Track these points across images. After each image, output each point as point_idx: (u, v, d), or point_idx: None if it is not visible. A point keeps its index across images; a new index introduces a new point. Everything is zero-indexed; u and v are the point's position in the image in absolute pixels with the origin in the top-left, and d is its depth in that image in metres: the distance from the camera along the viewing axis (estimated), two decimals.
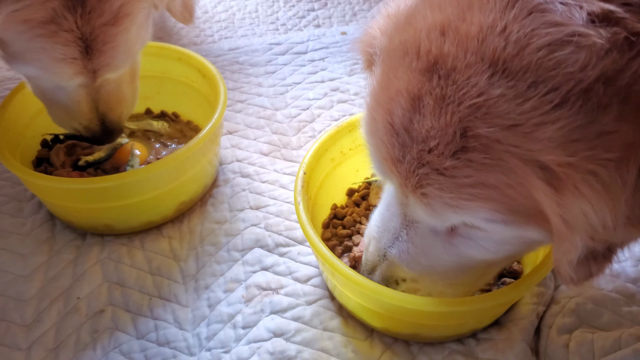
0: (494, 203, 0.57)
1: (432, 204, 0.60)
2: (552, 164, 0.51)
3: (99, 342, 0.89)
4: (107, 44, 0.87)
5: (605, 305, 0.90)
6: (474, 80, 0.52)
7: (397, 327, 0.86)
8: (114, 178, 0.95)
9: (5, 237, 1.04)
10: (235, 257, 1.00)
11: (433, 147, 0.56)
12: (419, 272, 0.73)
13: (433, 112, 0.55)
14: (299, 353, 0.87)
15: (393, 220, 0.71)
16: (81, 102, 0.96)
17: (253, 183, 1.13)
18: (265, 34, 1.61)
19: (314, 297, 0.94)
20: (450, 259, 0.69)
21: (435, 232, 0.68)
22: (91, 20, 0.83)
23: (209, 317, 0.92)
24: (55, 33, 0.82)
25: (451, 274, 0.72)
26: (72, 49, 0.84)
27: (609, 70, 0.48)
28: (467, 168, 0.55)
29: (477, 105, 0.52)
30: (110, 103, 0.99)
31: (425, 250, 0.70)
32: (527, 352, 0.85)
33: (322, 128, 1.26)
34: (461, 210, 0.58)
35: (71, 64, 0.86)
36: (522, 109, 0.50)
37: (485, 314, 0.84)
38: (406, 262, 0.72)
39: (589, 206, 0.52)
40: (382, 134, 0.61)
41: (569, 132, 0.50)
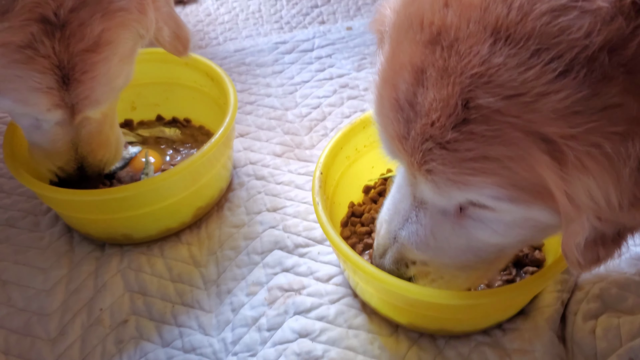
0: (498, 177, 0.56)
1: (437, 181, 0.59)
2: (554, 136, 0.50)
3: (124, 353, 0.89)
4: (86, 73, 0.82)
5: (629, 288, 0.89)
6: (476, 49, 0.51)
7: (422, 322, 0.86)
8: (130, 188, 0.95)
9: (24, 252, 1.04)
10: (255, 260, 1.00)
11: (435, 119, 0.55)
12: (428, 255, 0.71)
13: (435, 84, 0.54)
14: (326, 352, 0.87)
15: (403, 202, 0.70)
16: (58, 142, 0.92)
17: (268, 185, 1.13)
18: (270, 33, 1.61)
19: (336, 295, 0.94)
20: (460, 242, 0.68)
21: (444, 214, 0.67)
22: (70, 46, 0.79)
23: (233, 322, 0.92)
24: (31, 59, 0.77)
25: (461, 257, 0.71)
26: (49, 78, 0.80)
27: (614, 37, 0.47)
28: (468, 141, 0.54)
29: (479, 74, 0.51)
30: (91, 145, 0.95)
31: (434, 232, 0.69)
32: (554, 340, 0.84)
33: (333, 126, 1.26)
34: (465, 186, 0.58)
35: (47, 94, 0.82)
36: (524, 78, 0.49)
37: (511, 304, 0.83)
38: (415, 244, 0.70)
39: (592, 181, 0.51)
40: (388, 111, 0.60)
41: (572, 103, 0.48)
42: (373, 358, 0.86)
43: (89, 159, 0.96)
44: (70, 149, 0.94)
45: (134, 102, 1.25)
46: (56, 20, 0.76)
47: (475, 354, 0.85)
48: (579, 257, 0.59)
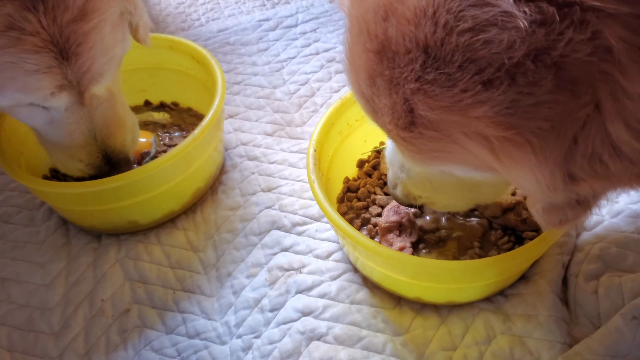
0: (455, 161, 0.61)
1: (408, 157, 0.65)
2: (491, 137, 0.53)
3: (129, 342, 0.89)
4: (82, 44, 0.77)
5: (629, 247, 0.89)
6: (412, 67, 0.54)
7: (423, 293, 0.86)
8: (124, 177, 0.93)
9: (21, 247, 1.03)
10: (253, 241, 1.00)
11: (390, 120, 0.60)
12: (427, 192, 0.79)
13: (384, 91, 0.58)
14: (330, 329, 0.87)
15: (396, 154, 0.77)
16: (74, 132, 0.88)
17: (261, 165, 1.12)
18: (252, 11, 1.59)
19: (337, 272, 0.94)
20: (452, 182, 0.74)
21: None
22: (57, 18, 0.73)
23: (236, 304, 0.92)
24: (18, 40, 0.72)
25: (459, 192, 0.78)
26: (45, 57, 0.75)
27: (538, 46, 0.48)
28: (420, 139, 0.58)
29: (415, 89, 0.54)
30: (109, 128, 0.91)
31: (427, 176, 0.76)
32: (557, 302, 0.85)
33: (323, 101, 1.25)
34: (432, 165, 0.65)
35: (48, 75, 0.76)
36: (453, 92, 0.52)
37: (513, 270, 0.83)
38: (414, 186, 0.79)
39: (527, 172, 0.55)
40: (360, 98, 0.65)
41: (501, 109, 0.51)
42: (377, 332, 0.86)
43: (110, 143, 0.92)
44: (89, 137, 0.90)
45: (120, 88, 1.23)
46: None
47: (478, 321, 0.85)
48: (541, 220, 0.64)
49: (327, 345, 0.85)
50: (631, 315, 0.78)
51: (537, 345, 0.81)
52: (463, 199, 0.82)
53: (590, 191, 0.58)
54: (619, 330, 0.78)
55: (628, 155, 0.52)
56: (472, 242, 0.90)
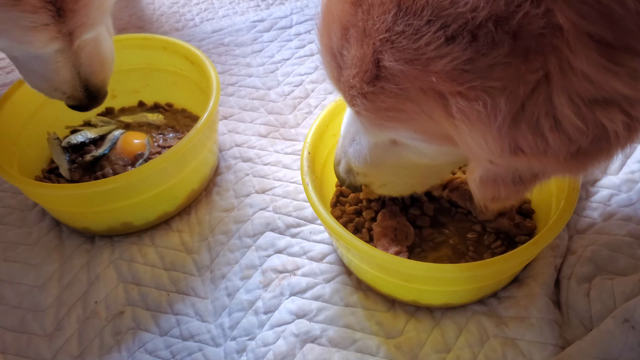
0: (410, 124, 0.64)
1: (363, 121, 0.68)
2: (446, 93, 0.56)
3: (123, 344, 0.89)
4: (79, 1, 0.79)
5: (621, 249, 0.90)
6: (384, 17, 0.57)
7: (416, 296, 0.86)
8: (118, 179, 0.93)
9: (13, 249, 1.03)
10: (247, 243, 1.00)
11: (356, 73, 0.61)
12: (367, 169, 0.82)
13: (356, 42, 0.61)
14: (324, 332, 0.87)
15: (353, 125, 0.80)
16: (61, 70, 0.90)
17: (256, 167, 1.12)
18: (247, 11, 1.58)
19: (331, 274, 0.94)
20: (392, 161, 0.78)
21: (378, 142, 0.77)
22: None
23: (230, 306, 0.92)
24: (18, 1, 0.74)
25: (397, 173, 0.82)
26: (42, 15, 0.77)
27: (499, 12, 0.51)
28: (382, 95, 0.60)
29: (385, 39, 0.57)
30: (92, 67, 0.93)
31: (371, 153, 0.79)
32: (550, 305, 0.85)
33: (317, 103, 1.25)
34: (385, 129, 0.66)
35: (44, 31, 0.79)
36: (418, 45, 0.55)
37: (506, 273, 0.84)
38: (357, 160, 0.81)
39: (474, 130, 0.57)
40: (326, 54, 0.67)
41: (459, 64, 0.53)
42: (371, 334, 0.86)
43: (93, 80, 0.94)
44: (74, 73, 0.91)
45: (114, 89, 1.22)
46: None
47: (472, 324, 0.85)
48: (476, 191, 0.67)
49: (321, 347, 0.86)
50: (623, 318, 0.79)
51: (529, 348, 0.82)
52: (401, 181, 0.85)
53: (527, 167, 0.61)
54: (611, 333, 0.79)
55: (567, 130, 0.55)
56: (467, 247, 0.90)
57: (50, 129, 1.13)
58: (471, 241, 0.91)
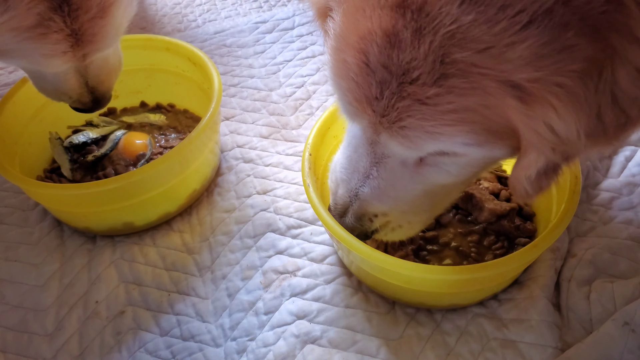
0: (473, 125, 0.59)
1: (411, 136, 0.62)
2: (522, 82, 0.54)
3: (123, 344, 0.89)
4: (97, 34, 0.84)
5: (621, 252, 0.90)
6: (446, 10, 0.54)
7: (417, 298, 0.87)
8: (119, 179, 0.93)
9: (15, 248, 1.03)
10: (248, 244, 1.00)
11: (415, 78, 0.57)
12: (389, 205, 0.75)
13: (412, 44, 0.57)
14: (324, 333, 0.87)
15: (362, 161, 0.72)
16: (70, 80, 0.93)
17: (257, 168, 1.12)
18: (249, 13, 1.59)
19: (331, 275, 0.94)
20: (416, 187, 0.73)
21: (404, 165, 0.70)
22: (79, 17, 0.80)
23: (230, 307, 0.92)
24: (43, 35, 0.79)
25: (417, 202, 0.75)
26: (62, 45, 0.82)
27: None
28: (448, 94, 0.57)
29: (452, 32, 0.54)
30: (100, 77, 0.96)
31: (394, 183, 0.72)
32: (550, 307, 0.85)
33: (319, 104, 1.25)
34: (441, 136, 0.61)
35: (61, 57, 0.84)
36: (493, 32, 0.53)
37: (506, 276, 0.84)
38: (377, 198, 0.74)
39: (554, 114, 0.55)
40: (356, 75, 0.61)
41: (536, 49, 0.52)
42: (371, 336, 0.86)
43: (100, 88, 0.97)
44: (82, 83, 0.94)
45: (116, 89, 1.21)
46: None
47: (472, 326, 0.86)
48: (528, 188, 0.65)
49: (322, 348, 0.86)
50: (623, 321, 0.79)
51: (529, 350, 0.82)
52: (418, 212, 0.78)
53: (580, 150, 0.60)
54: (611, 336, 0.79)
55: (622, 103, 0.55)
56: (470, 248, 0.90)
57: (52, 128, 1.13)
58: (473, 243, 0.91)
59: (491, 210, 0.91)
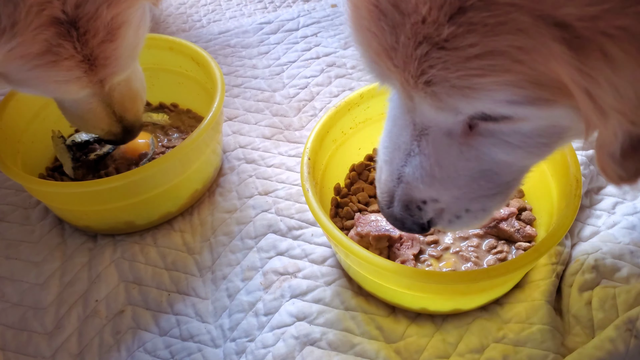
0: (511, 75, 0.46)
1: (438, 92, 0.49)
2: (570, 19, 0.41)
3: (122, 343, 0.89)
4: (109, 58, 0.83)
5: (624, 258, 0.90)
6: None
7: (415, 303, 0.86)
8: (119, 178, 0.93)
9: (15, 246, 1.03)
10: (249, 244, 0.99)
11: (426, 14, 0.46)
12: (436, 188, 0.61)
13: None
14: (324, 335, 0.87)
15: (402, 135, 0.60)
16: (95, 110, 0.93)
17: (259, 168, 1.12)
18: (254, 13, 1.59)
19: (332, 277, 0.94)
20: (470, 166, 0.59)
21: (449, 136, 0.57)
22: (88, 42, 0.79)
23: (230, 307, 0.92)
24: (54, 63, 0.78)
25: (473, 185, 0.61)
26: (75, 72, 0.81)
27: None
28: (469, 34, 0.45)
29: None
30: (125, 104, 0.95)
31: (439, 160, 0.59)
32: (551, 312, 0.85)
33: (322, 106, 1.25)
34: (473, 92, 0.48)
35: (75, 83, 0.83)
36: None
37: (508, 280, 0.83)
38: (421, 178, 0.60)
39: (619, 73, 0.42)
40: (369, 21, 0.51)
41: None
42: (371, 338, 0.86)
43: (127, 116, 0.96)
44: (108, 112, 0.94)
45: None
46: (66, 18, 0.75)
47: (472, 330, 0.85)
48: (618, 170, 0.50)
49: (321, 350, 0.85)
50: (625, 327, 0.78)
51: (530, 355, 0.81)
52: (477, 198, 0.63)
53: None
54: (613, 342, 0.78)
55: None
56: (470, 253, 0.90)
57: (55, 127, 1.13)
58: (473, 247, 0.91)
59: None
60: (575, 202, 0.80)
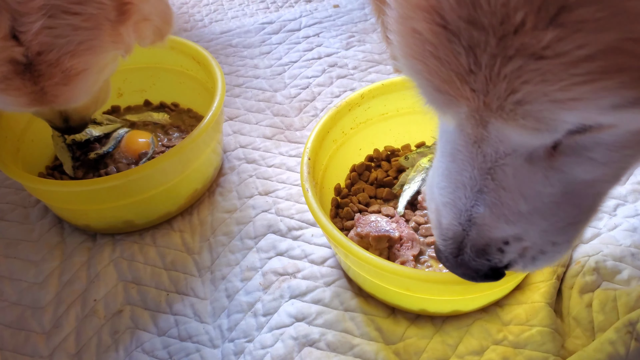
0: (620, 75, 0.40)
1: (533, 112, 0.43)
2: None
3: (120, 343, 0.89)
4: (59, 97, 0.83)
5: (625, 260, 0.89)
6: None
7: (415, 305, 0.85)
8: (119, 177, 0.93)
9: (15, 245, 1.03)
10: (248, 245, 0.99)
11: (520, 22, 0.40)
12: (522, 225, 0.54)
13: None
14: (323, 336, 0.86)
15: (467, 170, 0.53)
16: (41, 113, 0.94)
17: (260, 168, 1.12)
18: (256, 13, 1.59)
19: (331, 278, 0.93)
20: (555, 192, 0.52)
21: (531, 162, 0.50)
22: (40, 83, 0.80)
23: (229, 308, 0.91)
24: (5, 90, 0.80)
25: (560, 214, 0.54)
26: (26, 99, 0.82)
27: None
28: (576, 34, 0.39)
29: None
30: (75, 109, 0.95)
31: (522, 191, 0.52)
32: (551, 314, 0.84)
33: (323, 106, 1.25)
34: (579, 103, 0.41)
35: (28, 107, 0.84)
36: None
37: (508, 281, 0.83)
38: (503, 216, 0.54)
39: None
40: (435, 47, 0.45)
41: None
42: (371, 340, 0.85)
43: (73, 116, 0.96)
44: (54, 111, 0.94)
45: (120, 88, 1.23)
46: (25, 60, 0.77)
47: (472, 331, 0.84)
48: None
49: (320, 351, 0.85)
50: (625, 330, 0.78)
51: (530, 357, 0.81)
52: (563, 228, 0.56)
53: None
54: (613, 344, 0.77)
55: None
56: None
57: None
58: None
59: None
60: None
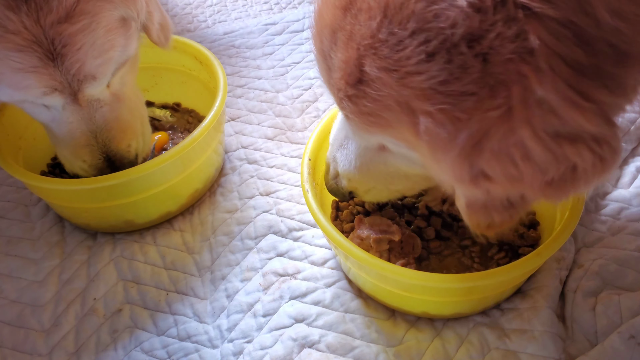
0: (389, 131, 0.63)
1: (350, 124, 0.68)
2: (417, 110, 0.56)
3: (119, 342, 0.88)
4: (67, 45, 0.76)
5: (629, 264, 0.88)
6: (369, 23, 0.57)
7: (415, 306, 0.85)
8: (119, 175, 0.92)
9: (15, 243, 1.03)
10: (249, 245, 0.99)
11: (342, 75, 0.62)
12: (354, 175, 0.80)
13: (343, 45, 0.61)
14: (322, 337, 0.86)
15: (342, 131, 0.79)
16: (75, 130, 0.88)
17: (261, 169, 1.11)
18: (259, 14, 1.58)
19: (332, 279, 0.93)
20: (380, 168, 0.78)
21: (366, 146, 0.76)
22: (39, 19, 0.72)
23: (229, 308, 0.91)
24: (1, 37, 0.72)
25: (384, 181, 0.80)
26: (28, 56, 0.74)
27: (472, 32, 0.50)
28: (363, 98, 0.60)
29: (369, 45, 0.57)
30: (110, 131, 0.90)
31: (357, 158, 0.78)
32: (554, 318, 0.84)
33: (325, 107, 1.24)
34: (370, 132, 0.66)
35: (35, 74, 0.76)
36: (399, 56, 0.54)
37: (508, 285, 0.82)
38: (344, 165, 0.80)
39: (436, 155, 0.57)
40: (319, 57, 0.68)
41: (435, 84, 0.53)
42: (370, 342, 0.85)
43: (113, 146, 0.92)
44: (90, 137, 0.90)
45: None
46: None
47: (473, 335, 0.84)
48: (466, 219, 0.67)
49: (319, 353, 0.84)
50: (629, 334, 0.77)
51: None
52: (385, 188, 0.82)
53: (503, 193, 0.61)
54: (616, 349, 0.77)
55: (537, 161, 0.54)
56: (473, 259, 0.88)
57: None
58: (475, 253, 0.89)
59: None
60: (579, 206, 0.80)
